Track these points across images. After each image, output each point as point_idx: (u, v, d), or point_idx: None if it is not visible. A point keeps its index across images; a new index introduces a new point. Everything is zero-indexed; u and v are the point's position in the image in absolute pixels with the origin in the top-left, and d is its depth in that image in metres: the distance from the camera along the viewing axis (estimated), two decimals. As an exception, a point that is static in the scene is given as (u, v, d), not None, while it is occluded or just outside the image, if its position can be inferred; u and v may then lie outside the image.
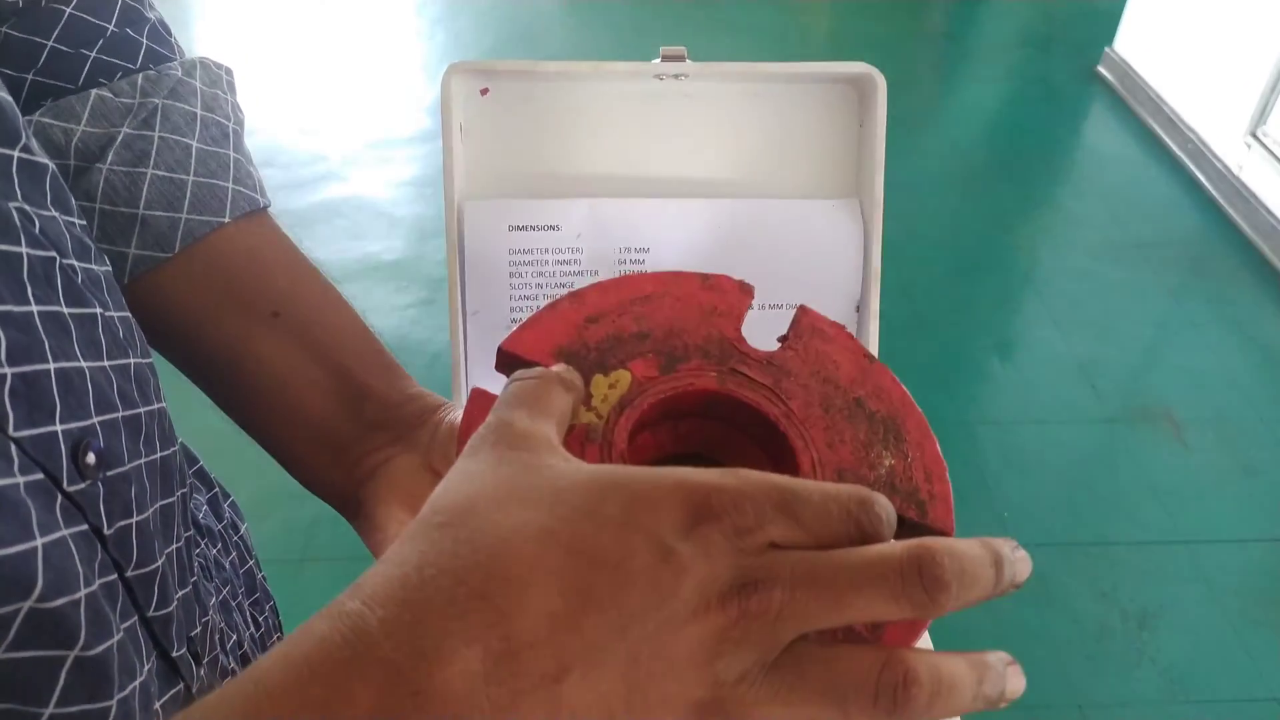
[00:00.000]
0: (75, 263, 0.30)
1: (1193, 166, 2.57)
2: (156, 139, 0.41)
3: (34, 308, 0.27)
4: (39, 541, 0.24)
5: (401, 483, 0.40)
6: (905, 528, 0.32)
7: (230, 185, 0.42)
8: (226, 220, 0.42)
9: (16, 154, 0.29)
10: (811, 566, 0.23)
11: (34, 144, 0.30)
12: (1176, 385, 1.98)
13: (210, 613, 0.39)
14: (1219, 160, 2.48)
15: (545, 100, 0.53)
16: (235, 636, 0.45)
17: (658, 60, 0.52)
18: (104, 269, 0.33)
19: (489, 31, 3.23)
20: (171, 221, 0.40)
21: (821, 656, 0.23)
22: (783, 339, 0.36)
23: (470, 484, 0.24)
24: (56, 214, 0.30)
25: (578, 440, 0.31)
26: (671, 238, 0.54)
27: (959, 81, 3.20)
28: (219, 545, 0.48)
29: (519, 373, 0.30)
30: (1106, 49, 2.99)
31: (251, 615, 0.50)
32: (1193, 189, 2.54)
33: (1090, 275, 2.25)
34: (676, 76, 0.52)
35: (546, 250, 0.53)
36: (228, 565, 0.48)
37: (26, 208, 0.28)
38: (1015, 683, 0.25)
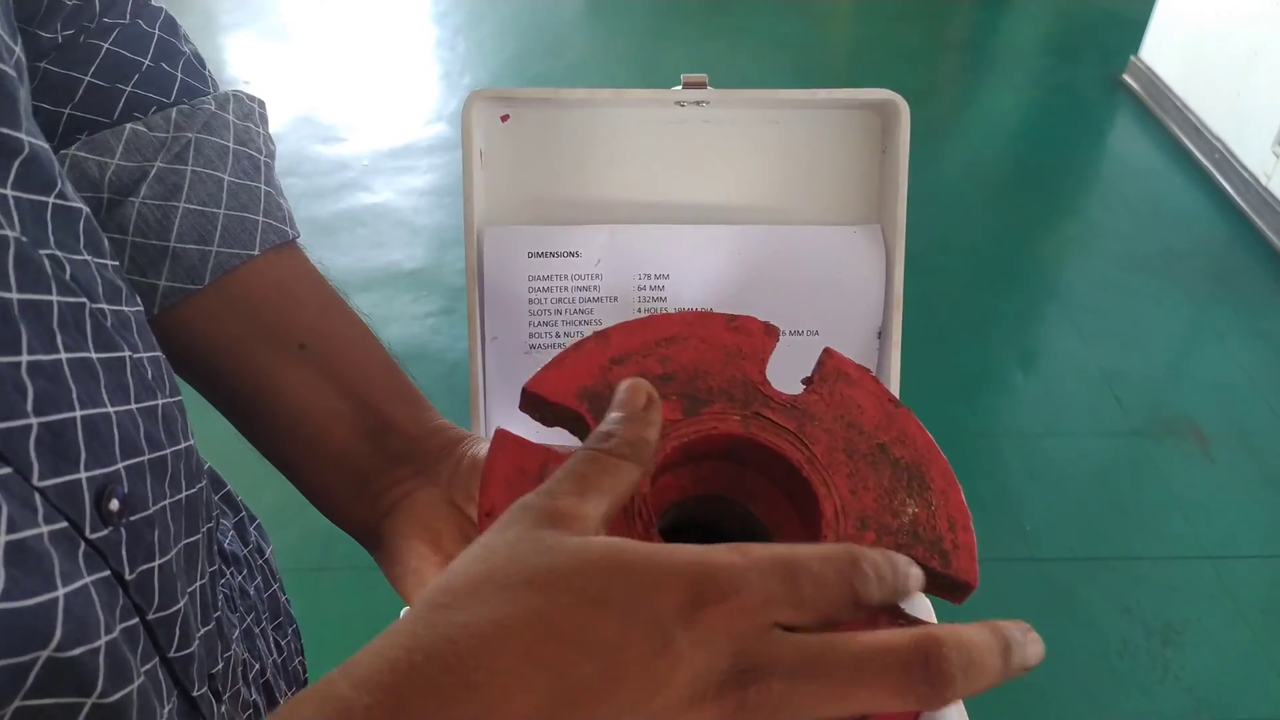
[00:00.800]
0: (105, 306, 0.31)
1: (1219, 176, 2.55)
2: (189, 173, 0.41)
3: (63, 355, 0.27)
4: (60, 592, 0.25)
5: (422, 516, 0.40)
6: (928, 577, 0.32)
7: (260, 218, 0.43)
8: (256, 253, 0.42)
9: (51, 200, 0.29)
10: (814, 655, 0.23)
11: (69, 189, 0.30)
12: (1202, 397, 1.96)
13: (233, 647, 0.39)
14: (1246, 170, 2.45)
15: (565, 127, 0.53)
16: (258, 665, 0.45)
17: (678, 87, 0.52)
18: (134, 309, 0.33)
19: (511, 39, 3.24)
20: (202, 254, 0.41)
21: None
22: (807, 381, 0.36)
23: (482, 562, 0.24)
24: (89, 257, 0.31)
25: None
26: (692, 264, 0.54)
27: (982, 90, 3.19)
28: (244, 571, 0.49)
29: (594, 436, 0.29)
30: (1132, 57, 2.97)
31: (275, 640, 0.50)
32: (1219, 199, 2.51)
33: (1115, 286, 2.23)
34: (698, 103, 0.52)
35: (566, 277, 0.53)
36: (252, 591, 0.48)
37: (59, 254, 0.29)
38: (1034, 650, 0.25)
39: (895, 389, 0.53)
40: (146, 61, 0.42)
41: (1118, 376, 1.99)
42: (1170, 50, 2.83)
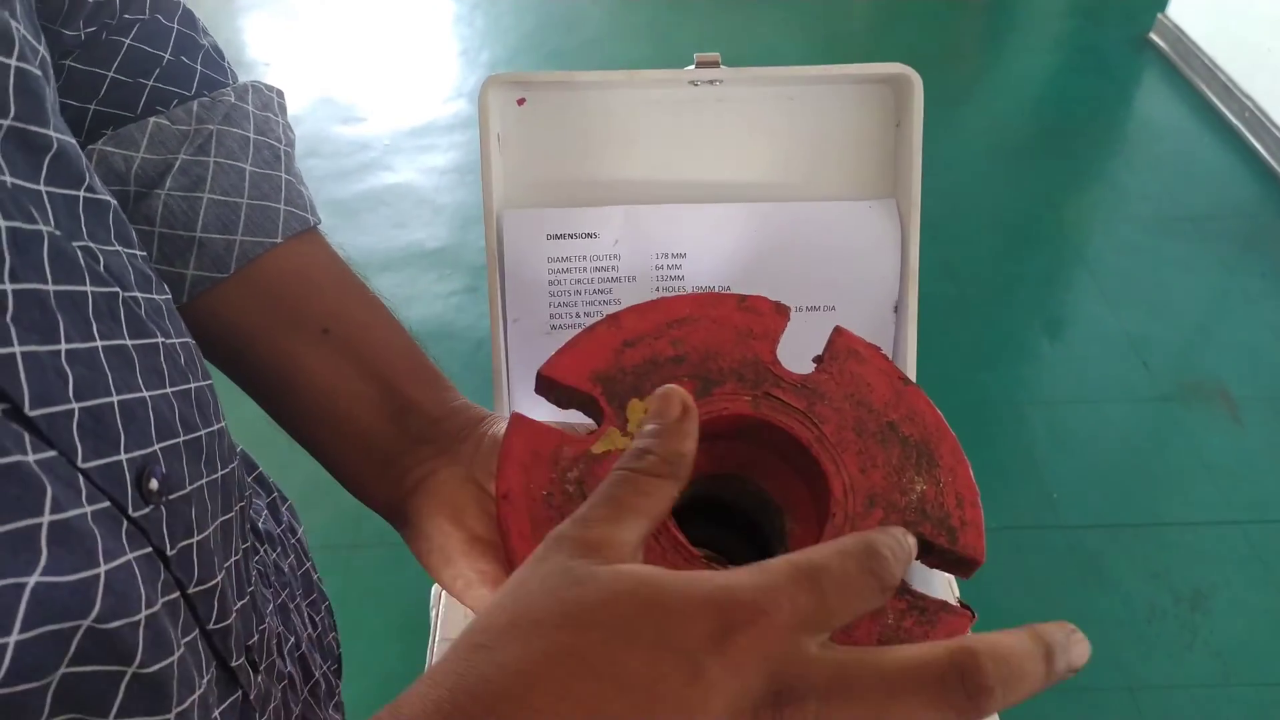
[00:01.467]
0: (138, 294, 0.32)
1: (1249, 135, 2.50)
2: (212, 164, 0.42)
3: (99, 343, 0.28)
4: (102, 569, 0.26)
5: (445, 495, 0.41)
6: (935, 554, 0.33)
7: (282, 206, 0.44)
8: (279, 240, 0.43)
9: (82, 194, 0.30)
10: (849, 674, 0.23)
11: (97, 182, 0.31)
12: (1231, 361, 1.94)
13: (267, 620, 0.40)
14: (1277, 128, 2.41)
15: (581, 109, 0.53)
16: (293, 639, 0.47)
17: (692, 67, 0.52)
18: (164, 297, 0.34)
19: (528, 14, 3.23)
20: (227, 244, 0.42)
21: None
22: (818, 359, 0.36)
23: (516, 600, 0.25)
24: (120, 248, 0.32)
25: (612, 466, 0.32)
26: (708, 243, 0.54)
27: (1005, 52, 3.14)
28: (278, 549, 0.50)
29: (630, 455, 0.29)
30: (1159, 15, 2.91)
31: (309, 615, 0.51)
32: (1250, 158, 2.47)
33: (1142, 250, 2.21)
34: (711, 82, 0.52)
35: (585, 258, 0.54)
36: (286, 568, 0.50)
37: (91, 245, 0.30)
38: (1080, 651, 0.25)
39: (911, 363, 0.54)
40: (167, 56, 0.43)
41: (1145, 341, 1.97)
42: (1198, 7, 2.77)
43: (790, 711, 0.23)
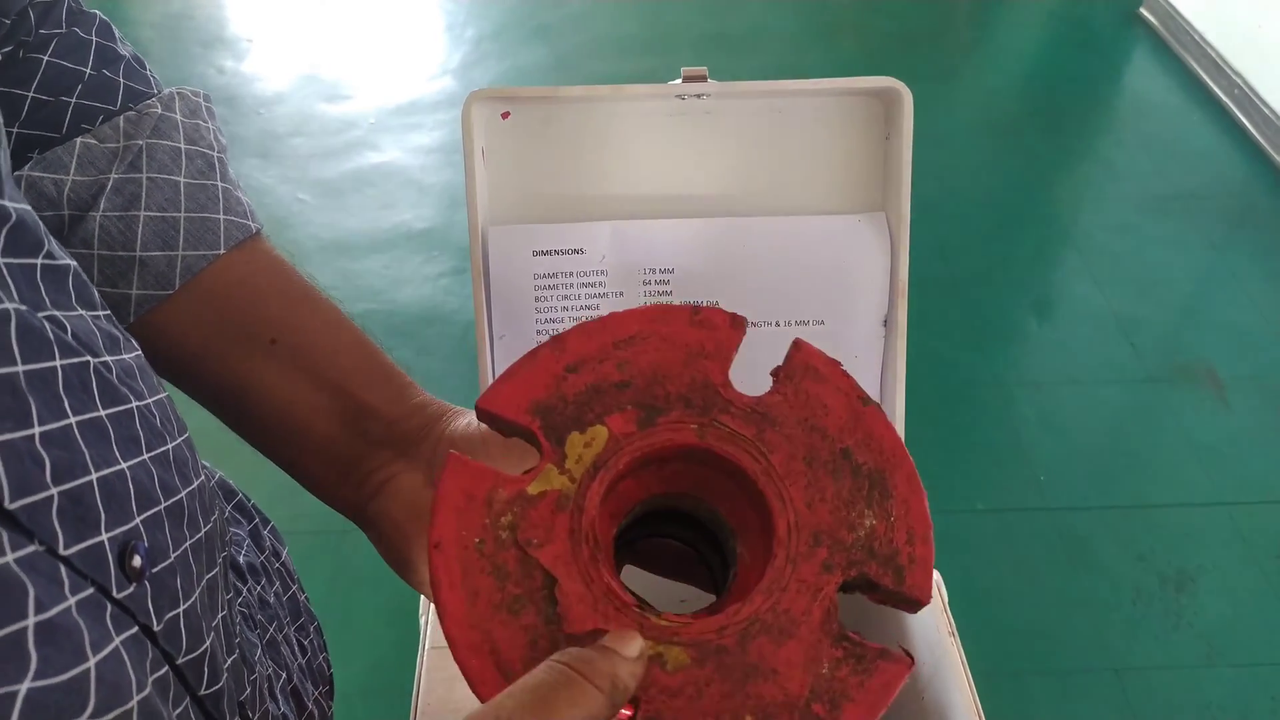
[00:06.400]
0: (108, 358, 0.31)
1: (1239, 113, 2.50)
2: (145, 180, 0.41)
3: (72, 419, 0.27)
4: (91, 663, 0.25)
5: (405, 499, 0.41)
6: (880, 593, 0.32)
7: (221, 216, 0.43)
8: (222, 251, 0.42)
9: (40, 261, 0.29)
10: None
11: (54, 246, 0.30)
12: (1219, 342, 1.94)
13: (257, 669, 0.40)
14: (1267, 106, 2.40)
15: (567, 123, 0.52)
16: (284, 674, 0.46)
17: (679, 81, 0.51)
18: (134, 355, 0.34)
19: (513, -12, 3.18)
20: (169, 260, 0.41)
21: None
22: (775, 373, 0.35)
23: None
24: (83, 312, 0.31)
25: (548, 508, 0.31)
26: (696, 258, 0.54)
27: (993, 27, 3.11)
28: (262, 581, 0.49)
29: (576, 653, 0.28)
30: (1150, -11, 2.90)
31: (298, 642, 0.51)
32: (1239, 136, 2.47)
33: (1131, 229, 2.20)
34: (698, 96, 0.51)
35: (571, 274, 0.53)
36: (272, 598, 0.49)
37: (56, 314, 0.29)
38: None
39: (900, 378, 0.53)
40: (88, 70, 0.42)
41: (1133, 322, 1.97)
42: (1189, -18, 2.75)
43: None
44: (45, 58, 0.41)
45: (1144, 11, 2.92)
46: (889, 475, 0.33)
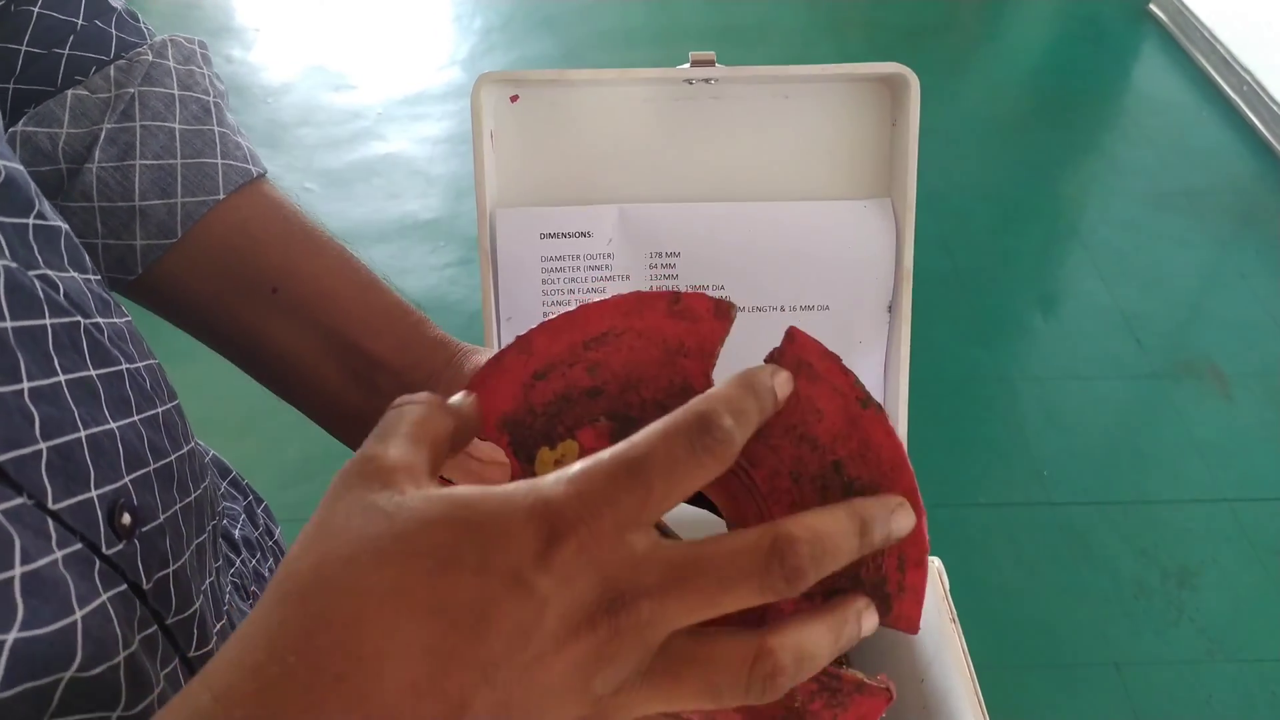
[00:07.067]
0: (99, 320, 0.31)
1: (1247, 110, 2.49)
2: (139, 129, 0.41)
3: (61, 377, 0.28)
4: (78, 615, 0.25)
5: None
6: None
7: (219, 161, 0.42)
8: (221, 196, 0.42)
9: (32, 221, 0.29)
10: (678, 568, 0.23)
11: (47, 207, 0.31)
12: (1223, 338, 1.94)
13: None
14: (1275, 103, 2.40)
15: (575, 107, 0.53)
16: None
17: (687, 65, 0.51)
18: (125, 320, 0.34)
19: (521, -21, 3.18)
20: (169, 208, 0.41)
21: (696, 655, 0.24)
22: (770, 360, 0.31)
23: (322, 541, 0.23)
24: (75, 274, 0.31)
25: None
26: (702, 241, 0.54)
27: (1002, 22, 3.11)
28: (257, 555, 0.50)
29: (398, 400, 0.28)
30: (1159, -15, 2.89)
31: None
32: (1247, 133, 2.46)
33: (1137, 225, 2.20)
34: (706, 81, 0.52)
35: (578, 257, 0.53)
36: (266, 573, 0.50)
37: (49, 273, 0.29)
38: (869, 621, 0.27)
39: (904, 364, 0.54)
40: (79, 21, 0.41)
41: (1138, 318, 1.97)
42: (1199, -22, 2.75)
43: (626, 615, 0.22)
44: (36, 9, 0.40)
45: (1153, 7, 2.91)
46: (884, 492, 0.29)
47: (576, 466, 0.24)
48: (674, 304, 0.30)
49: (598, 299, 0.31)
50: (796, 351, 0.29)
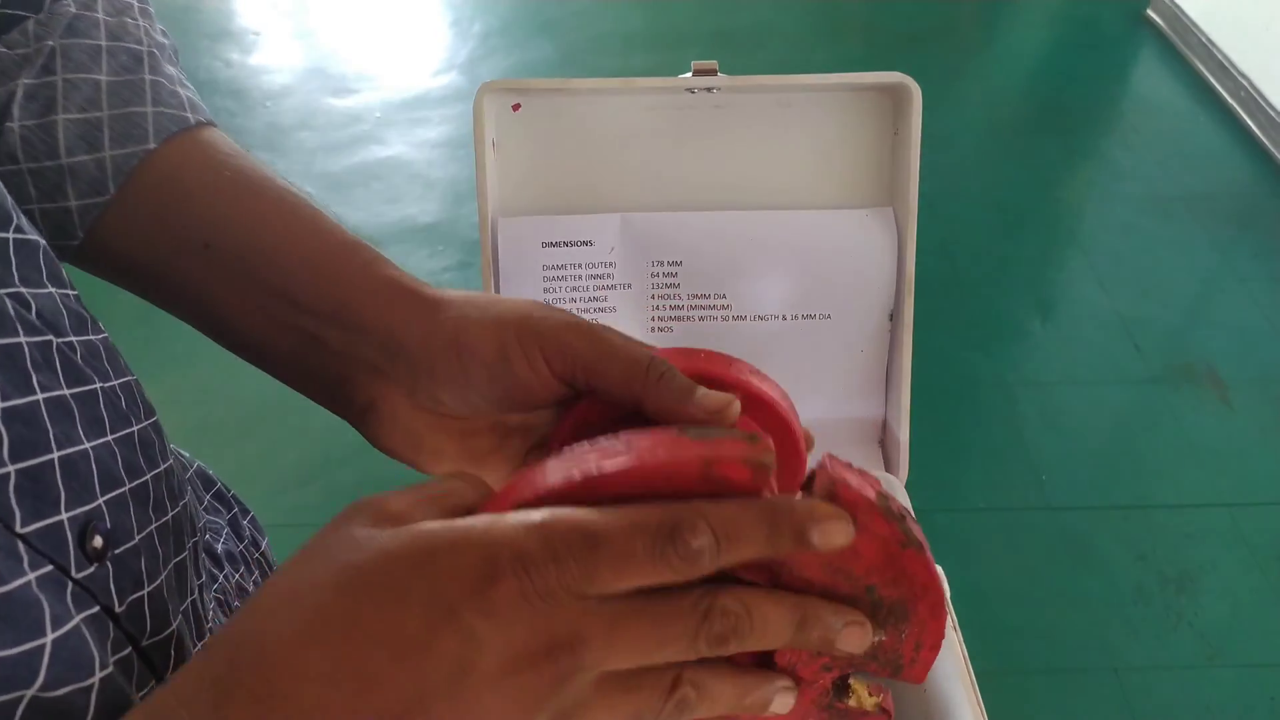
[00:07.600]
0: (73, 339, 0.30)
1: (1245, 115, 2.50)
2: (60, 82, 0.37)
3: (38, 396, 0.27)
4: (49, 638, 0.25)
5: (397, 429, 0.36)
6: (872, 676, 0.31)
7: (149, 109, 0.39)
8: (152, 145, 0.38)
9: (11, 236, 0.28)
10: (620, 624, 0.24)
11: (24, 221, 0.30)
12: (1221, 343, 1.95)
13: None
14: (1273, 108, 2.40)
15: (577, 116, 0.53)
16: None
17: (689, 74, 0.51)
18: (100, 337, 0.33)
19: (521, -16, 3.19)
20: (98, 163, 0.37)
21: (628, 685, 0.25)
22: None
23: (302, 564, 0.24)
24: (52, 289, 0.30)
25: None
26: (704, 250, 0.54)
27: (1000, 27, 3.12)
28: (241, 569, 0.49)
29: (449, 472, 0.30)
30: (1157, -10, 2.89)
31: None
32: (1244, 139, 2.47)
33: (1135, 230, 2.21)
34: (708, 90, 0.52)
35: (580, 265, 0.53)
36: (251, 586, 0.49)
37: (23, 291, 0.28)
38: (782, 701, 0.28)
39: (905, 372, 0.54)
40: None
41: (1137, 323, 1.97)
42: (1197, -17, 2.75)
43: (566, 660, 0.23)
44: None
45: (1151, 13, 2.92)
46: (913, 605, 0.29)
47: (539, 515, 0.24)
48: (707, 466, 0.26)
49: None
50: (827, 490, 0.27)
